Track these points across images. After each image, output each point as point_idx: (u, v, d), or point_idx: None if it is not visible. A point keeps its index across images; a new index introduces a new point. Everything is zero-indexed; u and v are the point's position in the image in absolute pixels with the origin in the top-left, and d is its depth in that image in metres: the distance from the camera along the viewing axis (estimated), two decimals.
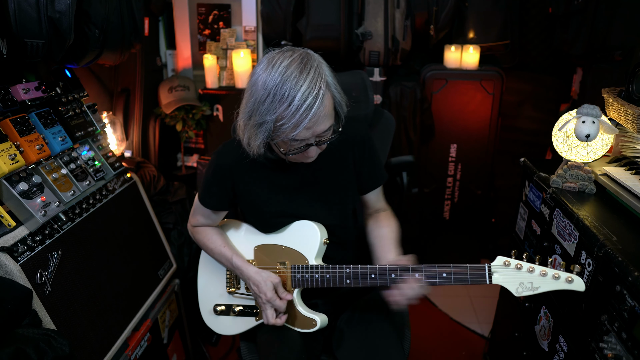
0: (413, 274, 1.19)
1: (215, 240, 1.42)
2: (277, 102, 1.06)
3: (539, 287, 1.09)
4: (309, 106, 1.05)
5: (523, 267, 1.11)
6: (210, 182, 1.36)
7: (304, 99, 1.04)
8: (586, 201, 1.34)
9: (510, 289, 1.12)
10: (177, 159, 2.81)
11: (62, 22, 1.33)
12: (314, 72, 1.07)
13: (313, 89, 1.05)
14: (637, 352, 0.99)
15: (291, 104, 1.04)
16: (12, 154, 1.27)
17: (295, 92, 1.04)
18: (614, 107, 1.44)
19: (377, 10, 2.33)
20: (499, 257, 1.14)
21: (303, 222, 1.34)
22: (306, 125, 1.06)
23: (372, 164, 1.39)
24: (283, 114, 1.06)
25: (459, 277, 1.16)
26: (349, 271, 1.25)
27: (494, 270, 1.13)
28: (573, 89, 2.68)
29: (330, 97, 1.11)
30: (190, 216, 1.48)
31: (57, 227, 1.37)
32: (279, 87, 1.05)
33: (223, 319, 1.48)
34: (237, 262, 1.36)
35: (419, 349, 2.37)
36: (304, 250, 1.32)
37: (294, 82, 1.05)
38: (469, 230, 2.89)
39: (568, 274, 1.07)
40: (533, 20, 2.73)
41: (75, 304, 1.38)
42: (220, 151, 1.36)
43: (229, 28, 2.59)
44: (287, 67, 1.06)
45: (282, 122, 1.07)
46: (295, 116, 1.05)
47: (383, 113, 1.72)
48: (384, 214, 1.49)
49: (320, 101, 1.06)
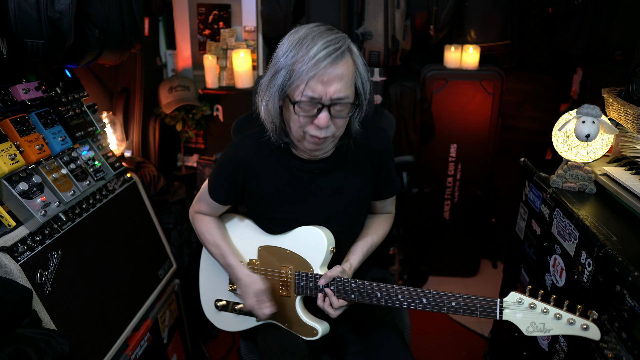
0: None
1: (213, 233, 1.41)
2: (298, 48, 1.08)
3: (551, 329, 1.05)
4: (327, 54, 1.05)
5: (537, 307, 1.06)
6: (222, 175, 1.34)
7: (325, 46, 1.06)
8: (586, 201, 1.34)
9: (520, 327, 1.08)
10: (177, 159, 2.81)
11: (62, 22, 1.33)
12: (340, 35, 1.10)
13: (336, 42, 1.07)
14: (637, 352, 0.99)
15: (310, 50, 1.06)
16: (12, 154, 1.27)
17: (317, 40, 1.07)
18: (614, 107, 1.44)
19: (377, 10, 2.33)
20: (512, 293, 1.09)
21: (311, 227, 1.31)
22: (321, 74, 1.06)
23: (390, 174, 1.39)
24: (302, 57, 1.07)
25: (468, 309, 1.12)
26: (354, 286, 1.23)
27: (505, 306, 1.09)
28: (573, 89, 2.68)
29: (351, 62, 1.12)
30: (195, 201, 1.46)
31: (57, 227, 1.37)
32: (302, 38, 1.09)
33: (224, 314, 1.47)
34: (230, 261, 1.36)
35: (419, 349, 2.37)
36: (309, 258, 1.30)
37: (317, 34, 1.08)
38: (469, 230, 2.89)
39: (584, 321, 1.02)
40: (533, 20, 2.74)
41: (75, 304, 1.38)
42: (237, 145, 1.33)
43: (229, 28, 2.59)
44: (314, 27, 1.11)
45: (299, 65, 1.07)
46: (312, 59, 1.05)
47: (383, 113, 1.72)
48: (384, 217, 1.49)
49: (339, 55, 1.07)
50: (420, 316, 2.60)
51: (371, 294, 1.22)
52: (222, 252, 1.38)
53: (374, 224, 1.46)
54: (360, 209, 1.39)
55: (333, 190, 1.32)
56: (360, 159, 1.30)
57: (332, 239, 1.31)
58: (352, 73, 1.12)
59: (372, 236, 1.41)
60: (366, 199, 1.38)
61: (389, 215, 1.51)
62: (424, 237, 2.92)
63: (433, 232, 2.91)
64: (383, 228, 1.46)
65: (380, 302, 1.21)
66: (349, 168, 1.31)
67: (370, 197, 1.39)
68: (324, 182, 1.30)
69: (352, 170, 1.31)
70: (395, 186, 1.43)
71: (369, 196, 1.38)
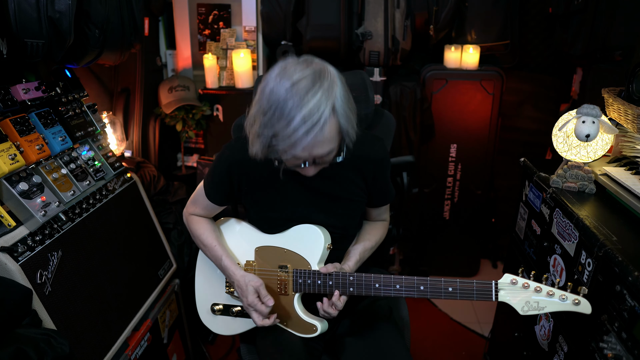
0: (346, 289, 1.24)
1: (208, 236, 1.41)
2: (277, 118, 1.02)
3: (545, 307, 1.09)
4: (307, 131, 1.01)
5: (530, 286, 1.10)
6: (217, 176, 1.34)
7: (303, 121, 1.00)
8: (586, 201, 1.34)
9: (516, 307, 1.11)
10: (177, 159, 2.81)
11: (62, 22, 1.33)
12: (322, 94, 1.02)
13: (315, 112, 1.01)
14: (637, 352, 0.99)
15: (289, 124, 1.01)
16: (12, 154, 1.27)
17: (295, 112, 1.00)
18: (614, 107, 1.44)
19: (377, 10, 2.33)
20: (506, 274, 1.13)
21: (307, 225, 1.32)
22: (302, 147, 1.03)
23: (385, 182, 1.39)
24: (280, 132, 1.03)
25: (465, 292, 1.15)
26: (352, 279, 1.24)
27: (500, 287, 1.12)
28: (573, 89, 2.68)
29: (334, 123, 1.06)
30: (189, 203, 1.46)
31: (57, 227, 1.37)
32: (282, 102, 1.02)
33: (221, 318, 1.47)
34: (226, 263, 1.36)
35: (419, 349, 2.37)
36: (306, 255, 1.31)
37: (297, 101, 1.00)
38: (469, 230, 2.89)
39: (575, 296, 1.07)
40: (533, 20, 2.74)
41: (75, 304, 1.38)
42: (232, 145, 1.33)
43: (229, 28, 2.58)
44: (295, 84, 1.02)
45: (278, 139, 1.04)
46: (291, 137, 1.02)
47: (383, 113, 1.72)
48: (378, 224, 1.50)
49: (319, 128, 1.02)
50: (420, 316, 2.61)
51: (369, 285, 1.23)
52: (217, 255, 1.38)
53: (369, 229, 1.48)
54: (355, 211, 1.39)
55: (328, 192, 1.32)
56: (356, 166, 1.31)
57: (329, 236, 1.32)
58: (335, 129, 1.07)
59: (367, 241, 1.42)
60: (360, 203, 1.39)
61: (384, 222, 1.52)
62: (424, 237, 2.92)
63: (433, 232, 2.91)
64: (378, 234, 1.47)
65: (379, 293, 1.22)
66: (344, 173, 1.31)
67: (364, 201, 1.39)
68: (320, 184, 1.31)
69: (348, 175, 1.32)
70: (391, 194, 1.43)
71: (364, 201, 1.39)
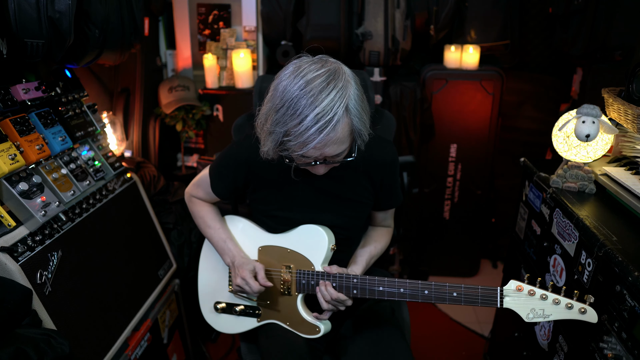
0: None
1: (213, 218, 1.44)
2: (289, 116, 1.02)
3: (551, 315, 1.08)
4: (319, 129, 1.00)
5: (536, 294, 1.09)
6: (224, 171, 1.36)
7: (316, 121, 0.99)
8: (586, 201, 1.34)
9: (521, 314, 1.11)
10: (177, 159, 2.81)
11: (62, 22, 1.33)
12: (335, 94, 1.01)
13: (328, 112, 1.00)
14: (637, 352, 0.99)
15: (301, 123, 1.00)
16: (12, 154, 1.27)
17: (308, 111, 0.99)
18: (614, 107, 1.44)
19: (377, 10, 2.33)
20: (512, 281, 1.12)
21: (311, 226, 1.32)
22: (313, 146, 1.03)
23: (393, 186, 1.38)
24: (292, 130, 1.02)
25: (469, 298, 1.14)
26: (356, 281, 1.24)
27: (505, 294, 1.12)
28: (573, 89, 2.68)
29: (347, 123, 1.05)
30: (193, 185, 1.48)
31: (57, 227, 1.37)
32: (294, 101, 1.01)
33: (224, 317, 1.47)
34: (229, 245, 1.38)
35: (419, 349, 2.37)
36: (310, 256, 1.31)
37: (310, 100, 0.99)
38: (469, 230, 2.89)
39: (581, 305, 1.06)
40: (533, 20, 2.73)
41: (75, 303, 1.38)
42: (240, 143, 1.33)
43: (229, 28, 2.58)
44: (309, 82, 1.01)
45: (289, 137, 1.04)
46: (303, 136, 1.01)
47: (383, 113, 1.72)
48: (384, 230, 1.50)
49: (332, 127, 1.01)
50: (420, 316, 2.61)
51: (373, 289, 1.22)
52: (221, 235, 1.40)
53: (375, 235, 1.47)
54: (361, 213, 1.39)
55: (336, 193, 1.32)
56: (365, 168, 1.30)
57: (333, 237, 1.31)
58: (347, 129, 1.06)
59: (373, 247, 1.42)
60: (367, 206, 1.38)
61: (389, 230, 1.52)
62: (424, 237, 2.92)
63: (433, 232, 2.91)
64: (383, 240, 1.47)
65: (383, 297, 1.22)
66: (352, 174, 1.31)
67: (371, 204, 1.39)
68: (328, 184, 1.31)
69: (356, 177, 1.32)
70: (398, 198, 1.42)
71: (370, 204, 1.39)
